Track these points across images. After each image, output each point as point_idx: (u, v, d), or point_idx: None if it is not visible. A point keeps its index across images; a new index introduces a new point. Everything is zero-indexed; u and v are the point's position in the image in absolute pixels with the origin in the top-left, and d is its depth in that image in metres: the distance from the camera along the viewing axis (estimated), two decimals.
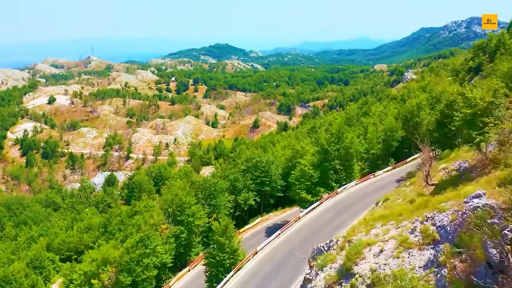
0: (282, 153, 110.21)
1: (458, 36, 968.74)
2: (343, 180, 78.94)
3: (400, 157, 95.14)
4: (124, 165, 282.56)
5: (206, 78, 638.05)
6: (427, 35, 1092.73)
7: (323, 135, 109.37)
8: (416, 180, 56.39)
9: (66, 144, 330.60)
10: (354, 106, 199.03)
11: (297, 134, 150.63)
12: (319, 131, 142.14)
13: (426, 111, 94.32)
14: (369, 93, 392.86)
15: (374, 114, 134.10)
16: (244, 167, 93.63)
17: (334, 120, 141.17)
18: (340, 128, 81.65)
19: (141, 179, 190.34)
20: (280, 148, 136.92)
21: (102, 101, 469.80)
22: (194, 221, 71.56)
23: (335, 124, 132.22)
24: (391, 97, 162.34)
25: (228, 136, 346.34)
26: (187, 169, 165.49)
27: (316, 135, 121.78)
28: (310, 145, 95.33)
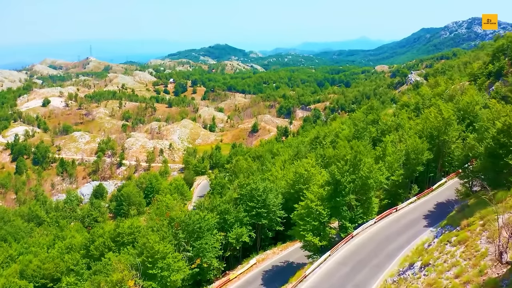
0: (283, 173, 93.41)
1: (459, 37, 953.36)
2: (359, 218, 62.39)
3: (424, 183, 78.77)
4: (116, 173, 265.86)
5: (204, 80, 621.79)
6: (427, 36, 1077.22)
7: (329, 151, 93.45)
8: (469, 239, 39.95)
9: (58, 149, 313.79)
10: (359, 113, 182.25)
11: (299, 145, 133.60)
12: (324, 142, 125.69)
13: (454, 126, 77.91)
14: (371, 96, 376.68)
15: (386, 125, 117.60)
16: (236, 195, 76.88)
17: (340, 131, 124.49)
18: (356, 153, 64.52)
19: (130, 191, 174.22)
20: (280, 163, 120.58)
21: (97, 104, 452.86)
22: (169, 275, 55.12)
23: (342, 136, 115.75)
24: (401, 104, 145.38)
25: (226, 140, 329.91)
26: (179, 183, 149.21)
27: (322, 150, 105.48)
28: (316, 168, 78.89)
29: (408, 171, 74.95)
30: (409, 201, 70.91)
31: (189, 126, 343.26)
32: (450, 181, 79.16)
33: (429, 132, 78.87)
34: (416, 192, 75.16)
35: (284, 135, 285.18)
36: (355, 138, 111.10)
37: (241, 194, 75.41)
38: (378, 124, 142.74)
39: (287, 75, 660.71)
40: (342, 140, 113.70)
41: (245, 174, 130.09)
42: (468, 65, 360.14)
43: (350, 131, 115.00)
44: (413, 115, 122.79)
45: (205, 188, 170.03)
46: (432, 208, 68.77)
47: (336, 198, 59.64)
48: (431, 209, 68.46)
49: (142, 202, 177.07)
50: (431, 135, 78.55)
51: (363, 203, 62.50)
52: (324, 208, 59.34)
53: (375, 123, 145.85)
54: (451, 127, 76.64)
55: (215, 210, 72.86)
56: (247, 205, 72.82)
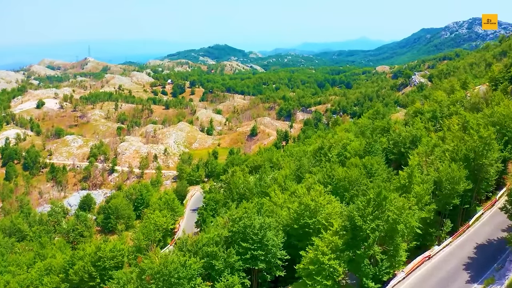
0: (284, 198, 78.55)
1: (460, 37, 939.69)
2: (385, 274, 47.44)
3: (457, 217, 63.90)
4: (108, 179, 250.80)
5: (203, 80, 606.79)
6: (427, 36, 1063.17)
7: (339, 171, 78.62)
8: None
9: (49, 153, 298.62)
10: (365, 119, 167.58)
11: (301, 157, 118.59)
12: (329, 155, 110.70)
13: (494, 147, 63.03)
14: (374, 98, 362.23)
15: (400, 136, 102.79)
16: (227, 233, 61.74)
17: (348, 142, 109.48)
18: (379, 189, 49.30)
19: (118, 204, 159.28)
20: (281, 178, 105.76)
21: (93, 105, 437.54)
22: None
23: (351, 150, 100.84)
24: (414, 110, 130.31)
25: (224, 144, 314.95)
26: (169, 197, 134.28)
27: (329, 167, 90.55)
28: (324, 196, 64.10)
29: (439, 204, 59.88)
30: (443, 244, 56.02)
31: (186, 129, 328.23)
32: (487, 213, 64.57)
33: (464, 154, 63.68)
34: (449, 229, 60.31)
35: (284, 140, 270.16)
36: (366, 152, 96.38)
37: (232, 231, 60.39)
38: (389, 134, 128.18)
39: (287, 76, 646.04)
40: (351, 155, 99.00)
41: (241, 189, 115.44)
42: (474, 66, 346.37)
43: (360, 143, 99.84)
44: (430, 125, 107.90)
45: (199, 200, 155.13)
46: (472, 252, 54.15)
47: (356, 250, 44.70)
48: (471, 254, 53.82)
49: (132, 215, 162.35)
50: (465, 158, 63.49)
51: (389, 253, 47.53)
52: (339, 263, 44.45)
53: (385, 131, 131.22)
54: (491, 148, 61.70)
55: (199, 253, 57.89)
56: (240, 246, 57.94)
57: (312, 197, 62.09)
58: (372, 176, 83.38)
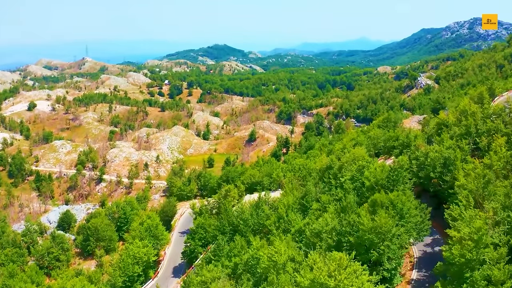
0: (288, 255, 57.84)
1: (461, 37, 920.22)
2: None
3: None
4: (96, 190, 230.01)
5: (201, 81, 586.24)
6: (428, 36, 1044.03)
7: (366, 223, 57.81)
8: None
9: (36, 160, 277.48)
10: (375, 129, 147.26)
11: (307, 182, 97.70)
12: (342, 179, 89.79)
13: None
14: (378, 100, 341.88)
15: (427, 157, 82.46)
16: None
17: (365, 164, 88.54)
18: None
19: (98, 224, 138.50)
20: (282, 208, 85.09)
21: (86, 107, 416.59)
22: None
23: (370, 175, 79.95)
24: (438, 123, 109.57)
25: (221, 150, 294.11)
26: (152, 223, 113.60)
27: (345, 204, 69.88)
28: (350, 266, 43.44)
29: None
30: None
31: (181, 133, 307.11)
32: None
33: None
34: None
35: (284, 147, 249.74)
36: (389, 180, 75.52)
37: None
38: (409, 150, 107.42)
39: (286, 77, 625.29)
40: (371, 183, 78.20)
41: (235, 220, 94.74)
42: (483, 68, 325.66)
43: (382, 169, 78.73)
44: (464, 143, 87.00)
45: (189, 220, 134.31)
46: None
47: None
48: None
49: (113, 237, 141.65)
50: None
51: None
52: None
53: (405, 147, 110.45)
54: None
55: None
56: None
57: (330, 272, 41.36)
58: (402, 218, 62.98)
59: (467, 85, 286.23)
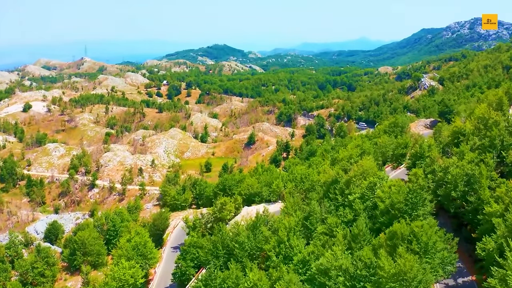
0: None
1: (462, 37, 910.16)
2: None
3: None
4: (88, 196, 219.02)
5: (200, 81, 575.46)
6: (428, 36, 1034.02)
7: (386, 265, 47.04)
8: None
9: (28, 164, 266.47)
10: (383, 136, 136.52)
11: (310, 201, 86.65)
12: (350, 198, 79.00)
13: None
14: (381, 102, 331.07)
15: (444, 172, 72.11)
16: None
17: (376, 180, 77.72)
18: None
19: (85, 238, 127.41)
20: (283, 231, 74.28)
21: (82, 109, 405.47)
22: None
23: (384, 196, 69.17)
24: (454, 131, 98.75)
25: (219, 153, 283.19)
26: (140, 240, 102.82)
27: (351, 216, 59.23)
28: None
29: None
30: None
31: (178, 136, 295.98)
32: None
33: None
34: None
35: (284, 151, 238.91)
36: (407, 203, 64.63)
37: None
38: (422, 161, 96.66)
39: (286, 77, 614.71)
40: (385, 206, 67.46)
41: (229, 243, 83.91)
42: (489, 69, 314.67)
43: (398, 191, 67.69)
44: (489, 157, 76.13)
45: (182, 234, 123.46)
46: None
47: None
48: None
49: (102, 251, 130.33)
50: None
51: None
52: None
53: (418, 158, 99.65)
54: None
55: None
56: None
57: None
58: (426, 253, 52.23)
59: (472, 86, 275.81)
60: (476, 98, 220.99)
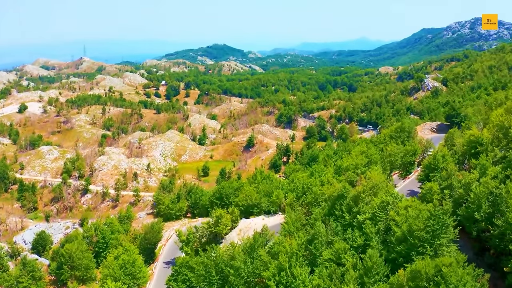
0: None
1: (462, 37, 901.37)
2: None
3: None
4: (81, 201, 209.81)
5: (199, 82, 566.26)
6: (429, 36, 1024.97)
7: None
8: None
9: (21, 167, 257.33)
10: (394, 144, 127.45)
11: (315, 220, 77.12)
12: (360, 219, 69.86)
13: None
14: (383, 103, 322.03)
15: (465, 188, 63.23)
16: None
17: (391, 199, 68.58)
18: None
19: (72, 251, 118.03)
20: (284, 262, 65.19)
21: (78, 110, 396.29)
22: None
23: (400, 220, 60.07)
24: (470, 140, 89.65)
25: (217, 156, 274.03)
26: (128, 258, 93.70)
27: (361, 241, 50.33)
28: None
29: None
30: None
31: (175, 138, 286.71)
32: None
33: None
34: None
35: (285, 155, 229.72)
36: (428, 231, 55.42)
37: None
38: (438, 173, 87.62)
39: (286, 77, 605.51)
40: (402, 232, 58.33)
41: (224, 267, 74.90)
42: (494, 69, 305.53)
43: (417, 215, 58.41)
44: None
45: (176, 247, 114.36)
46: None
47: None
48: None
49: (90, 265, 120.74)
50: None
51: None
52: None
53: (431, 170, 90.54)
54: None
55: None
56: None
57: None
58: None
59: (477, 88, 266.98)
60: (483, 100, 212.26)
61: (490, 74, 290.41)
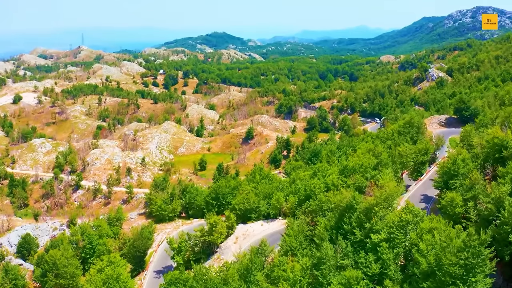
0: None
1: (464, 26, 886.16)
2: None
3: None
4: (72, 198, 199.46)
5: (198, 70, 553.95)
6: (430, 25, 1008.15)
7: None
8: None
9: (12, 161, 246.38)
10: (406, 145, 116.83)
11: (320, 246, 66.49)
12: (375, 240, 59.49)
13: None
14: (386, 93, 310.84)
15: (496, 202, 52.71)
16: None
17: (409, 217, 58.03)
18: None
19: (57, 258, 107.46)
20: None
21: (74, 100, 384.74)
22: None
23: (427, 251, 49.61)
24: (494, 143, 78.84)
25: (215, 149, 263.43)
26: (111, 273, 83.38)
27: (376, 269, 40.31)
28: None
29: None
30: None
31: (172, 130, 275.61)
32: None
33: None
34: None
35: (285, 149, 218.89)
36: (461, 266, 45.08)
37: None
38: (458, 180, 77.06)
39: (286, 66, 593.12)
40: (428, 265, 47.99)
41: None
42: (501, 60, 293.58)
43: (447, 244, 47.92)
44: None
45: (167, 254, 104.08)
46: None
47: None
48: None
49: (76, 272, 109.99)
50: None
51: None
52: None
53: (451, 177, 79.83)
54: None
55: None
56: None
57: None
58: None
59: (485, 79, 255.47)
60: (493, 92, 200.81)
61: (497, 65, 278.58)
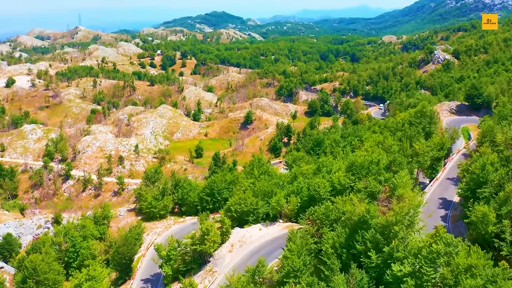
0: None
1: (466, 6, 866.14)
2: None
3: None
4: (62, 189, 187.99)
5: (196, 51, 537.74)
6: (432, 5, 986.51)
7: None
8: None
9: (1, 149, 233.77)
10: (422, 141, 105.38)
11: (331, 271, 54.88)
12: (395, 269, 47.86)
13: None
14: (390, 76, 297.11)
15: None
16: None
17: (441, 248, 46.35)
18: None
19: (37, 263, 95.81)
20: None
21: (68, 83, 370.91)
22: None
23: None
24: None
25: (212, 134, 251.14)
26: (96, 285, 72.39)
27: None
28: None
29: None
30: None
31: (167, 114, 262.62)
32: None
33: None
34: None
35: (285, 135, 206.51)
36: None
37: None
38: (486, 188, 65.22)
39: (287, 46, 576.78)
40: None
41: None
42: (509, 42, 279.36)
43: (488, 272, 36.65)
44: None
45: (157, 258, 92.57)
46: None
47: None
48: None
49: (59, 278, 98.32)
50: None
51: None
52: None
53: (478, 185, 67.84)
54: None
55: None
56: None
57: None
58: None
59: (494, 62, 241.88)
60: (505, 77, 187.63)
61: (506, 48, 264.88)
